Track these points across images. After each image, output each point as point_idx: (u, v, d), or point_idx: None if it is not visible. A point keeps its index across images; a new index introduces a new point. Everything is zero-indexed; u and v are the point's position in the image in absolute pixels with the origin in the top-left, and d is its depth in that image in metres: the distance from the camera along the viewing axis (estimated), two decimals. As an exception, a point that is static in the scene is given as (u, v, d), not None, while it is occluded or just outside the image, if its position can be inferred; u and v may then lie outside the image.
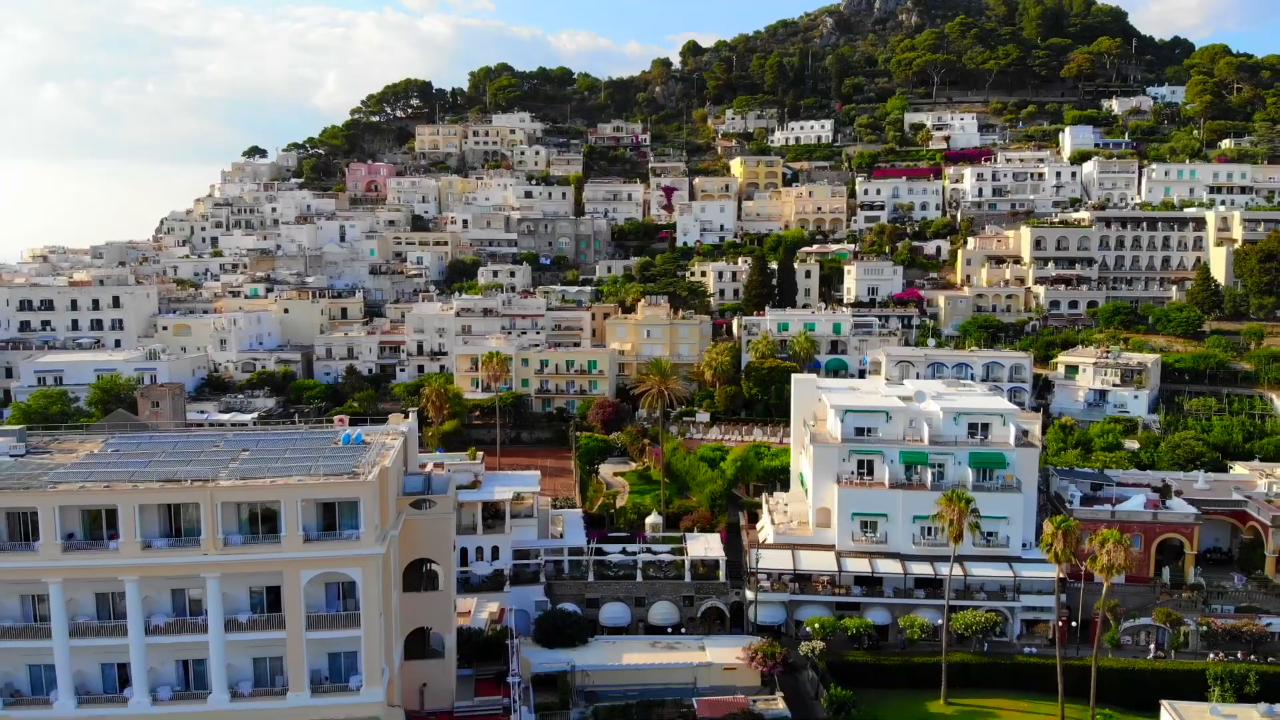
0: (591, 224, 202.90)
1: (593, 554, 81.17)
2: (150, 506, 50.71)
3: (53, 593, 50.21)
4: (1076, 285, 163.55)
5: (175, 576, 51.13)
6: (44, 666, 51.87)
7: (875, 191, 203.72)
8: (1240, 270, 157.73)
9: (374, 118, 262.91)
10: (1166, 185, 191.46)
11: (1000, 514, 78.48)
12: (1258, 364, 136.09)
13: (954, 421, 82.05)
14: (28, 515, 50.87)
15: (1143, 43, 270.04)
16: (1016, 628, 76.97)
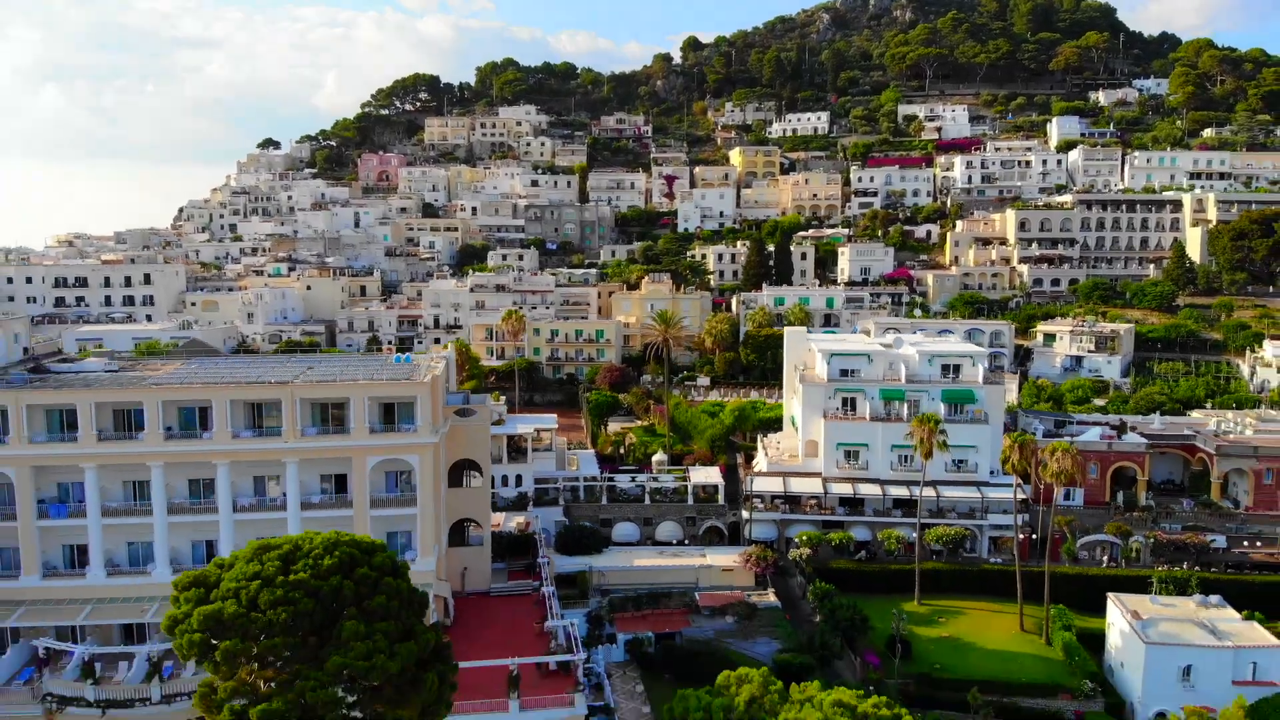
0: (596, 211, 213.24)
1: (605, 482, 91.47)
2: (238, 402, 61.00)
3: (154, 476, 60.43)
4: (1059, 264, 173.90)
5: (259, 462, 61.30)
6: (142, 544, 62.06)
7: (869, 179, 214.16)
8: (1214, 249, 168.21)
9: (383, 111, 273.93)
10: (1148, 172, 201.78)
11: (970, 443, 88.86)
12: (1226, 333, 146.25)
13: (928, 363, 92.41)
14: (130, 412, 61.15)
15: (1130, 38, 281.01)
16: (985, 544, 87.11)
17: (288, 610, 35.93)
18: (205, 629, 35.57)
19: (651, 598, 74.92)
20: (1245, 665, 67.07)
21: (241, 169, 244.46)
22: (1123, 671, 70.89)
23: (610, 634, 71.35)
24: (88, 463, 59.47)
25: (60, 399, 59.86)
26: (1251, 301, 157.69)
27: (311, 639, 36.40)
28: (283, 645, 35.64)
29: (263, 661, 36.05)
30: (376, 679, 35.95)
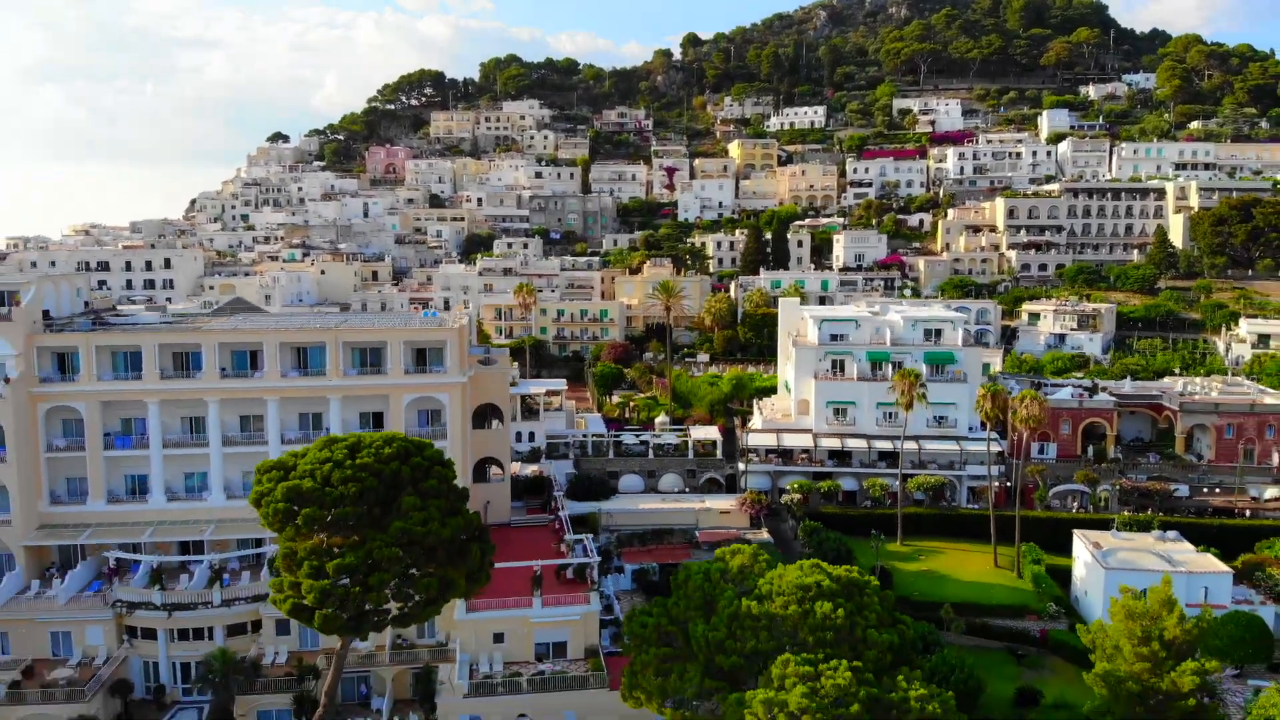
0: (598, 201, 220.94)
1: (611, 438, 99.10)
2: (286, 346, 68.63)
3: (210, 410, 68.07)
4: (1045, 250, 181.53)
5: (305, 399, 68.85)
6: (198, 473, 69.70)
7: (864, 170, 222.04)
8: (1195, 234, 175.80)
9: (389, 106, 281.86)
10: (1135, 163, 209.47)
11: (949, 400, 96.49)
12: (1204, 313, 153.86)
13: (912, 327, 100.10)
14: (188, 354, 68.79)
15: (1121, 34, 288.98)
16: (964, 493, 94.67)
17: (356, 485, 43.50)
18: (288, 500, 43.10)
19: (655, 534, 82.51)
20: (1197, 589, 74.46)
21: (252, 162, 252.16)
22: (1086, 599, 78.38)
23: (618, 566, 78.92)
24: (151, 398, 67.06)
25: (127, 341, 67.51)
26: (1230, 284, 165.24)
27: (376, 510, 43.95)
28: (352, 514, 43.18)
29: (335, 528, 43.57)
30: (432, 542, 43.49)
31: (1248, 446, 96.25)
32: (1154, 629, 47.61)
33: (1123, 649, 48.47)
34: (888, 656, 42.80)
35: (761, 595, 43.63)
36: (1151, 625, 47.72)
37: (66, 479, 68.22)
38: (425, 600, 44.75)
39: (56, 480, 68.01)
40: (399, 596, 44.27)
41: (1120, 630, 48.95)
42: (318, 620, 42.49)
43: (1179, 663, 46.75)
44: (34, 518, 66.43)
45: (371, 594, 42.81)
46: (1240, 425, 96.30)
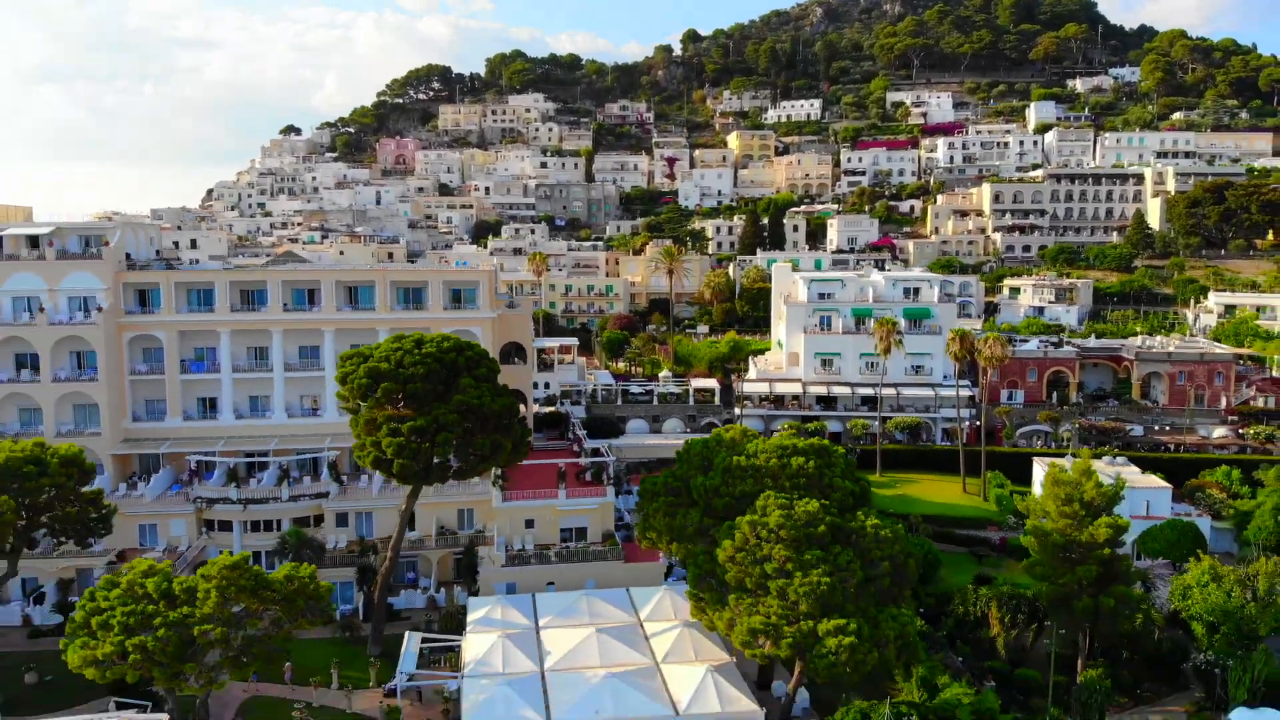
0: (602, 189, 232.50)
1: (619, 386, 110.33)
2: (340, 284, 79.79)
3: (274, 340, 79.27)
4: (1029, 232, 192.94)
5: (356, 331, 79.88)
6: (262, 396, 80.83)
7: (858, 160, 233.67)
8: (1170, 216, 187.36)
9: (398, 100, 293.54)
10: (1118, 151, 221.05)
11: (926, 351, 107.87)
12: (1176, 288, 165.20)
13: (892, 286, 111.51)
14: (254, 292, 79.95)
15: (1109, 30, 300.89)
16: (938, 433, 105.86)
17: (423, 368, 54.68)
18: (369, 377, 54.26)
19: (660, 463, 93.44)
20: (1140, 503, 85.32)
21: (265, 153, 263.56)
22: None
23: (628, 489, 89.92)
24: (223, 329, 78.28)
25: (202, 279, 78.76)
26: (1203, 263, 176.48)
27: (439, 387, 55.10)
28: (421, 388, 54.29)
29: (407, 400, 54.66)
30: (485, 413, 54.66)
31: (1198, 392, 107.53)
32: (1075, 493, 58.65)
33: (1050, 511, 59.55)
34: (849, 499, 54.00)
35: (749, 454, 54.83)
36: (1074, 490, 58.76)
37: (146, 400, 79.36)
38: (480, 458, 55.89)
39: (138, 401, 79.15)
40: (459, 454, 55.32)
41: (1049, 495, 60.08)
42: (396, 468, 53.50)
43: (1095, 519, 57.80)
44: (120, 432, 77.49)
45: (438, 450, 53.88)
46: (1191, 373, 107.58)
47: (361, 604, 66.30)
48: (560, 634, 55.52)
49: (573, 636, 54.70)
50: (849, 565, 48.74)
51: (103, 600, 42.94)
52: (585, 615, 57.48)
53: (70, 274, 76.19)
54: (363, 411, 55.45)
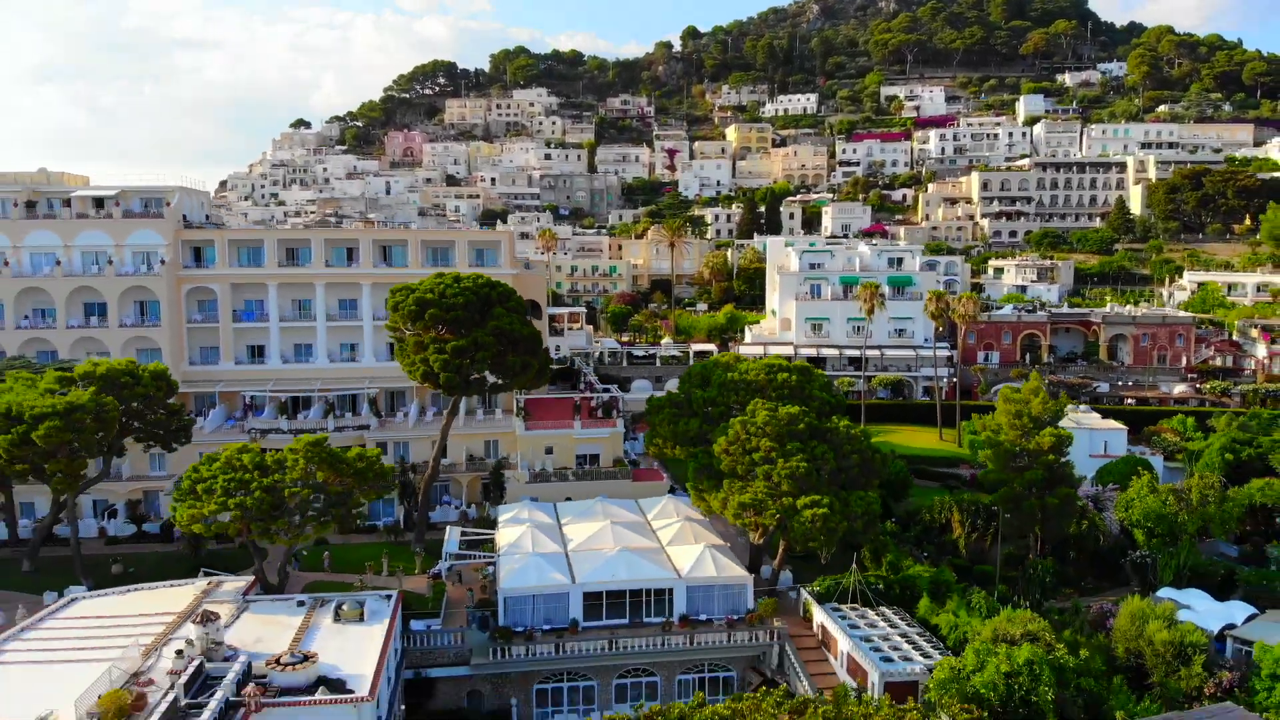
0: (604, 180, 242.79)
1: (625, 348, 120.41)
2: (376, 243, 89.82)
3: (317, 293, 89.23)
4: (1016, 219, 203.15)
5: (390, 284, 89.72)
6: (305, 344, 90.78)
7: (852, 151, 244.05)
8: (1151, 202, 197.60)
9: (405, 94, 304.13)
10: (1104, 142, 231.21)
11: (908, 315, 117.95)
12: (1153, 269, 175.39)
13: (878, 256, 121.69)
14: (298, 250, 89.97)
15: (1099, 26, 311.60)
16: (918, 390, 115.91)
17: (462, 298, 64.73)
18: (417, 305, 64.29)
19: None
20: (1099, 443, 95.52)
21: (276, 146, 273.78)
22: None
23: (633, 436, 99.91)
24: (271, 282, 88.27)
25: (252, 236, 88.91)
26: (1181, 245, 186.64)
27: (475, 315, 65.13)
28: (462, 315, 64.32)
29: (448, 325, 64.64)
30: (516, 337, 64.71)
31: (1160, 353, 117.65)
32: (1024, 408, 68.67)
33: (1002, 424, 69.60)
34: (826, 408, 64.04)
35: (741, 372, 64.88)
36: (1023, 406, 68.78)
37: (201, 347, 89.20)
38: (512, 373, 65.90)
39: (194, 347, 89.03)
40: (495, 370, 65.25)
41: (1002, 411, 70.11)
42: (442, 379, 63.44)
43: (1040, 430, 67.83)
44: (179, 374, 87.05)
45: (476, 366, 63.81)
46: (1154, 335, 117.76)
47: (402, 516, 76.30)
48: (579, 527, 65.45)
49: (590, 528, 64.60)
50: (823, 455, 58.79)
51: (205, 471, 52.96)
52: (600, 515, 67.36)
53: (135, 231, 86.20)
54: (409, 336, 65.41)
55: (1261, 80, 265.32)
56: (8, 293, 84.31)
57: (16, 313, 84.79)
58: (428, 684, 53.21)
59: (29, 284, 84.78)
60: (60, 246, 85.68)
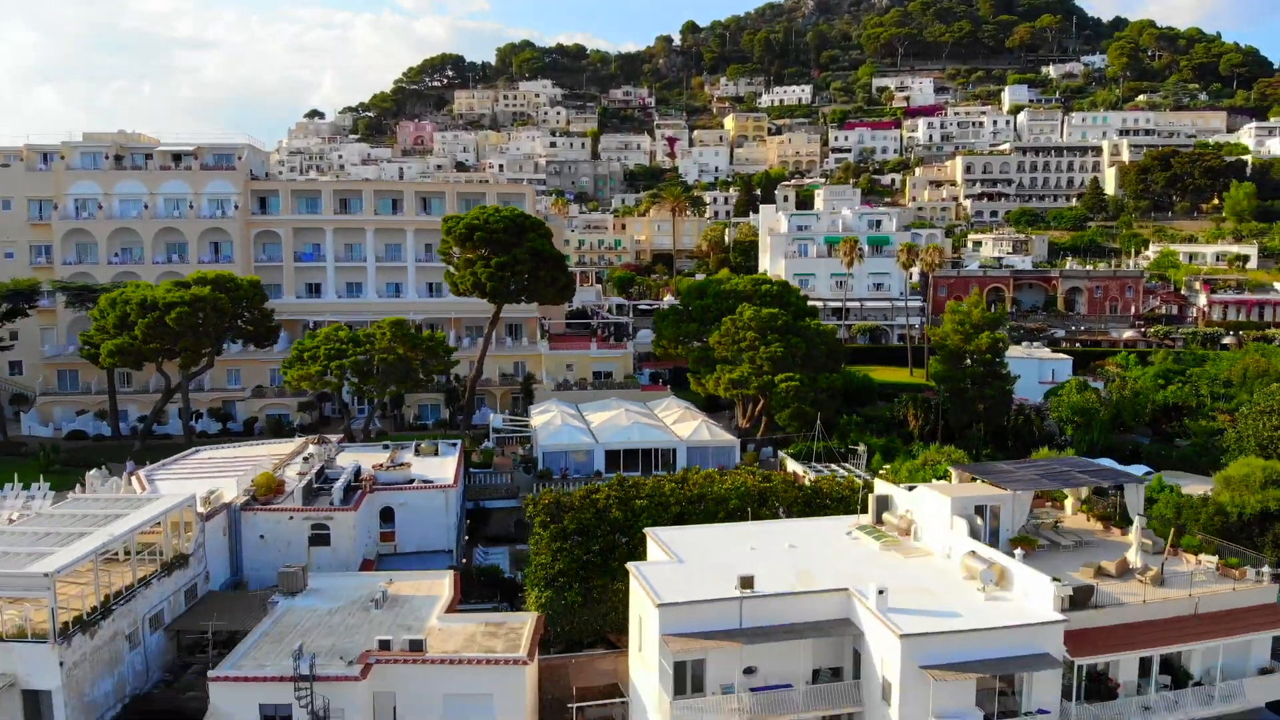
0: (607, 166, 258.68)
1: (631, 302, 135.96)
2: (417, 195, 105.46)
3: (367, 238, 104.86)
4: (997, 199, 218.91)
5: (429, 231, 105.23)
6: (356, 283, 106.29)
7: (844, 139, 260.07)
8: (1123, 182, 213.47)
9: (414, 86, 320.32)
10: (1084, 130, 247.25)
11: (885, 271, 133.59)
12: (1122, 242, 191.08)
13: (859, 219, 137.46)
14: (348, 200, 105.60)
15: (1084, 21, 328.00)
16: (894, 337, 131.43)
17: (503, 224, 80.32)
18: (465, 229, 79.86)
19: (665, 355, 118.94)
20: (1047, 371, 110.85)
21: (292, 135, 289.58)
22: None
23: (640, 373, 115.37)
24: (328, 227, 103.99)
25: (311, 188, 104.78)
26: (1150, 223, 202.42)
27: (514, 238, 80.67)
28: (502, 238, 79.83)
29: (490, 246, 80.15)
30: (546, 256, 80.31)
31: (1112, 303, 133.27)
32: (966, 316, 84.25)
33: (949, 332, 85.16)
34: (801, 311, 79.61)
35: (732, 285, 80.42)
36: (965, 315, 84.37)
37: (266, 283, 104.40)
38: (544, 284, 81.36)
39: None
40: (531, 280, 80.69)
41: (949, 322, 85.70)
42: (488, 288, 78.85)
43: (979, 334, 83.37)
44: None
45: (516, 278, 79.21)
46: (1106, 287, 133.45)
47: (448, 416, 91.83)
48: (598, 414, 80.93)
49: (607, 414, 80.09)
50: (796, 345, 74.45)
51: (309, 343, 68.56)
52: (616, 405, 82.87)
53: (211, 181, 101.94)
54: (459, 256, 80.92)
55: (1238, 71, 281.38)
56: (102, 232, 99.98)
57: (109, 250, 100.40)
58: (484, 513, 68.56)
59: (120, 225, 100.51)
60: (146, 194, 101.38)
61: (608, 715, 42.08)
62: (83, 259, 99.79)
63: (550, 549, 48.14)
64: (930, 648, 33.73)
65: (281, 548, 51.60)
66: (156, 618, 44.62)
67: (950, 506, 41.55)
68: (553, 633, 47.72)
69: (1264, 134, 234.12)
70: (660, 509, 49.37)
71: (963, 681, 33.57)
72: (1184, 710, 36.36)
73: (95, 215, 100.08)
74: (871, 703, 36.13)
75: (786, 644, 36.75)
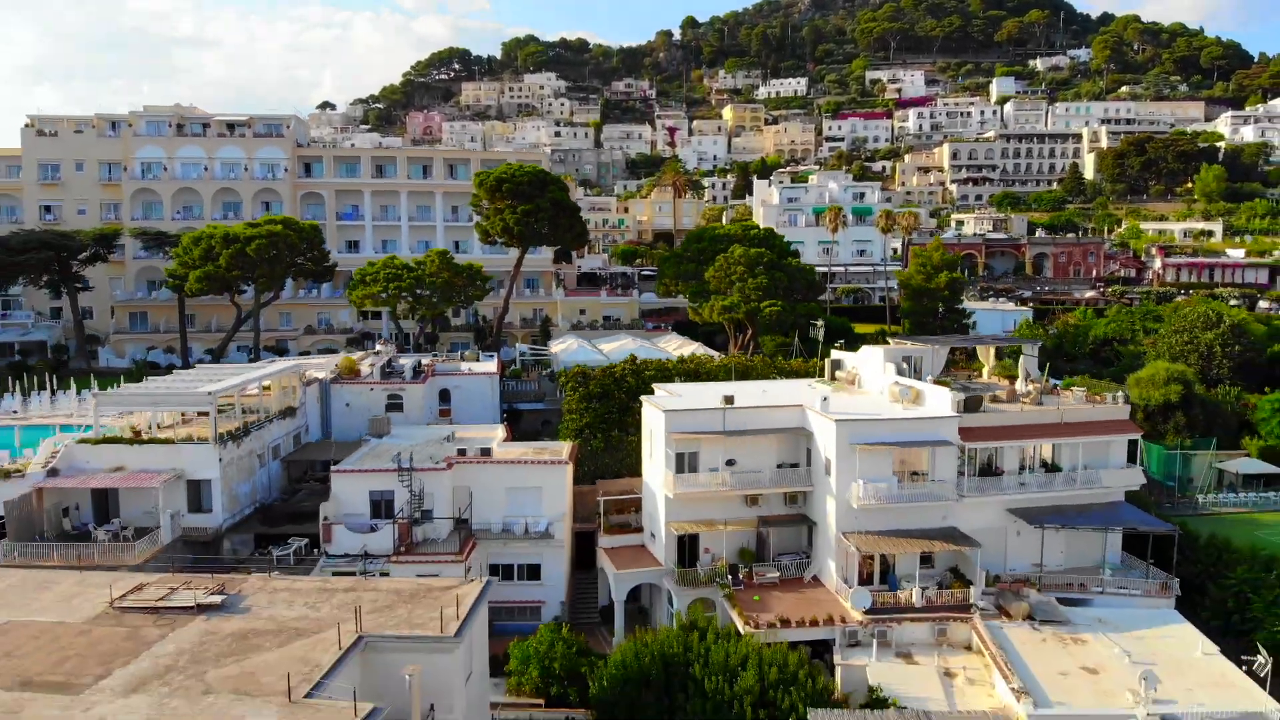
0: (610, 154, 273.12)
1: (637, 269, 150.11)
2: (444, 162, 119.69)
3: (401, 200, 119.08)
4: (981, 184, 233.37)
5: (457, 194, 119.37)
6: (391, 240, 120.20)
7: (838, 128, 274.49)
8: (1101, 167, 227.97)
9: (422, 79, 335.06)
10: (1067, 119, 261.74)
11: (868, 239, 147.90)
12: (1097, 221, 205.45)
13: (844, 191, 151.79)
14: (384, 166, 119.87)
15: (1072, 15, 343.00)
16: (875, 298, 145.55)
17: (528, 177, 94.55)
18: (495, 181, 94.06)
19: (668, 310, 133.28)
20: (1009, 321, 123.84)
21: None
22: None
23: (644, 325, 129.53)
24: (365, 189, 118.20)
25: (351, 154, 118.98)
26: (1126, 205, 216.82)
27: (537, 191, 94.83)
28: (527, 189, 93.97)
29: (516, 197, 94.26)
30: (566, 206, 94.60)
31: (1075, 267, 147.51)
32: (928, 258, 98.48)
33: (913, 273, 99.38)
34: (784, 252, 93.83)
35: (725, 231, 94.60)
36: (926, 257, 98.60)
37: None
38: (563, 230, 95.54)
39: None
40: (552, 227, 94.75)
41: (913, 264, 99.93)
42: (516, 232, 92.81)
43: (938, 273, 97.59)
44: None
45: (539, 224, 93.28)
46: (1070, 252, 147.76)
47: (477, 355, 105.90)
48: (609, 343, 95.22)
49: (617, 343, 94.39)
50: (779, 277, 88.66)
51: (369, 269, 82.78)
52: (625, 337, 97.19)
53: (262, 148, 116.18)
54: (489, 206, 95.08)
55: (1218, 64, 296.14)
56: (166, 191, 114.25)
57: (172, 207, 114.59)
58: (516, 414, 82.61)
59: (182, 185, 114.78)
60: (205, 158, 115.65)
61: (626, 504, 56.31)
62: (148, 215, 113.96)
63: (579, 406, 62.35)
64: (858, 430, 47.97)
65: (363, 413, 65.79)
66: (276, 449, 58.95)
67: (883, 355, 55.81)
68: (580, 472, 61.86)
69: (1239, 121, 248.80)
70: (664, 378, 63.59)
71: (881, 455, 47.76)
72: (1053, 489, 50.47)
73: (160, 176, 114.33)
74: (818, 480, 50.39)
75: (758, 442, 51.05)
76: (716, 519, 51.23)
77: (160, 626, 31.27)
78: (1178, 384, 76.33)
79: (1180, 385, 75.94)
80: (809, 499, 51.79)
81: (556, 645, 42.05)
